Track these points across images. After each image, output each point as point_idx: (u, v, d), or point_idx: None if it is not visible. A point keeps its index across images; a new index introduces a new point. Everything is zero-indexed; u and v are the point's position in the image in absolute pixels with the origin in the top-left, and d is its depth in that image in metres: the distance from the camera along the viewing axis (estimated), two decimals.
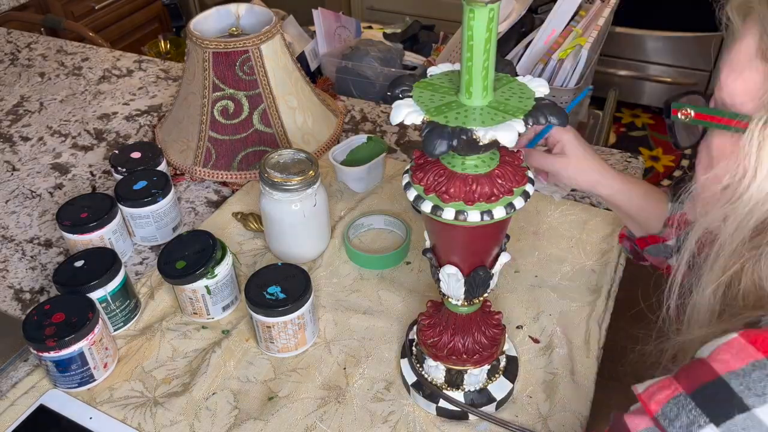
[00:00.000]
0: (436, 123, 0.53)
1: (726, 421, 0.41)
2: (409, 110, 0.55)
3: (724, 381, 0.42)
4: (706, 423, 0.42)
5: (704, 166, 0.55)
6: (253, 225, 1.00)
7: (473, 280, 0.65)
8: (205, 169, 1.09)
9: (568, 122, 0.52)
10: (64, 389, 0.78)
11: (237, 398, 0.77)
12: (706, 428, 0.41)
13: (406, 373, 0.77)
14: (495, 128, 0.52)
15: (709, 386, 0.43)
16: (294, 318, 0.78)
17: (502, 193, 0.57)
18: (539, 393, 0.77)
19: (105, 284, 0.81)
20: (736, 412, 0.41)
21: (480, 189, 0.57)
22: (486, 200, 0.57)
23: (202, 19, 1.08)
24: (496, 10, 0.50)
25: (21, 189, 1.12)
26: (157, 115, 1.30)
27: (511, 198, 0.58)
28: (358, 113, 1.28)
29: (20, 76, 1.45)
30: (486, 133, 0.52)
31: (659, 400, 0.44)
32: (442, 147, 0.51)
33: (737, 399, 0.41)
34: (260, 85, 1.05)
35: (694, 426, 0.42)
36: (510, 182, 0.58)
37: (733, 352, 0.43)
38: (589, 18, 1.29)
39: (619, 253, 0.94)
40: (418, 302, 0.88)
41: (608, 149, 1.16)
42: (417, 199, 0.59)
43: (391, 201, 1.04)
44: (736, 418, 0.41)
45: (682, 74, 2.70)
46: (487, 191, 0.57)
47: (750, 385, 0.41)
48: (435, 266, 0.67)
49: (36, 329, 0.74)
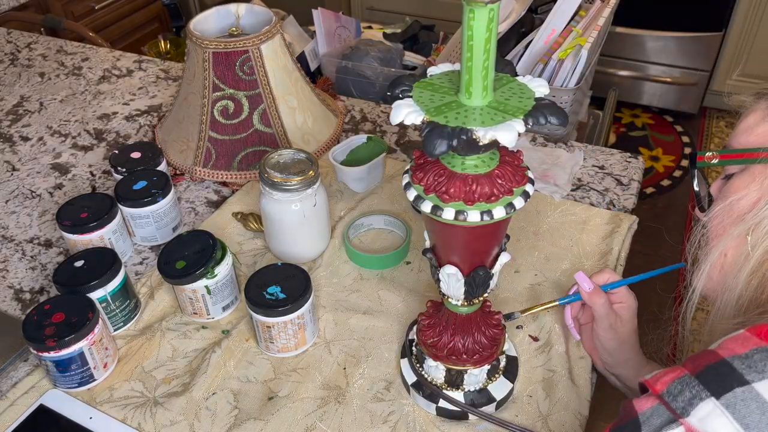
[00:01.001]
0: (436, 123, 0.53)
1: (725, 393, 0.43)
2: (409, 110, 0.55)
3: (728, 362, 0.45)
4: (707, 396, 0.44)
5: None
6: (253, 225, 1.00)
7: (473, 280, 0.65)
8: (205, 169, 1.09)
9: (567, 122, 0.53)
10: (64, 389, 0.78)
11: (237, 398, 0.77)
12: (707, 401, 0.43)
13: (405, 373, 0.77)
14: (495, 128, 0.52)
15: (713, 367, 0.45)
16: (294, 318, 0.78)
17: (502, 193, 0.57)
18: (539, 392, 0.77)
19: (105, 284, 0.81)
20: (735, 385, 0.43)
21: (480, 189, 0.57)
22: (486, 200, 0.57)
23: (202, 19, 1.08)
24: (496, 10, 0.50)
25: (21, 189, 1.12)
26: (157, 115, 1.30)
27: (511, 198, 0.58)
28: (358, 113, 1.28)
29: (20, 76, 1.45)
30: (486, 133, 0.52)
31: (665, 381, 0.46)
32: (442, 147, 0.51)
33: (737, 375, 0.44)
34: (260, 85, 1.05)
35: (696, 399, 0.44)
36: (510, 182, 0.58)
37: (738, 342, 0.46)
38: (589, 18, 1.29)
39: (618, 253, 0.94)
40: (418, 302, 0.88)
41: (608, 149, 1.16)
42: (417, 199, 0.59)
43: (391, 201, 1.04)
44: (735, 390, 0.43)
45: (682, 74, 2.70)
46: (487, 191, 0.57)
47: (751, 365, 0.44)
48: (435, 266, 0.67)
49: (36, 329, 0.74)
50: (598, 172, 1.10)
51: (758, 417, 0.42)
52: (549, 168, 1.10)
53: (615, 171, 1.11)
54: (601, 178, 1.09)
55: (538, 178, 1.08)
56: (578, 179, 1.09)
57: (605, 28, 1.33)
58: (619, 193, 1.06)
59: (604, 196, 1.06)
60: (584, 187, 1.07)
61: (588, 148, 1.16)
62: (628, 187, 1.07)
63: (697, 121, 2.82)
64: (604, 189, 1.07)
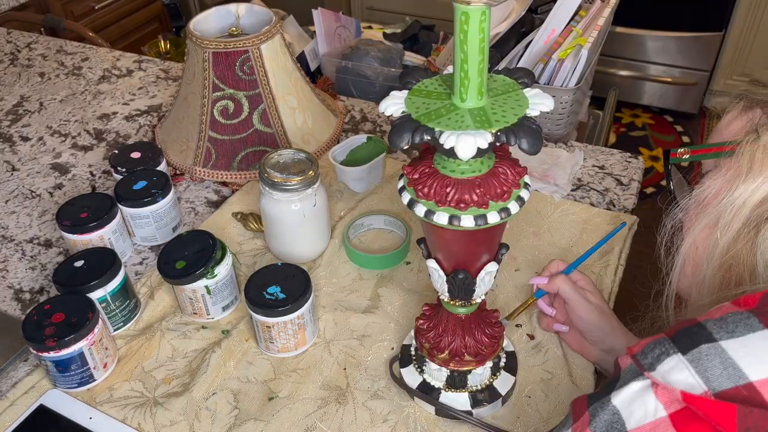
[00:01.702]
0: (409, 117, 0.53)
1: (692, 350, 0.44)
2: (395, 101, 0.55)
3: (702, 324, 0.46)
4: (675, 352, 0.45)
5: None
6: (253, 225, 1.00)
7: (453, 280, 0.64)
8: (205, 169, 1.09)
9: (537, 151, 0.52)
10: (64, 389, 0.78)
11: (237, 398, 0.77)
12: (673, 356, 0.45)
13: (406, 377, 0.77)
14: (458, 135, 0.51)
15: (687, 329, 0.46)
16: (294, 318, 0.78)
17: (474, 203, 0.56)
18: (538, 392, 0.77)
19: (105, 284, 0.81)
20: (703, 342, 0.44)
21: (457, 195, 0.56)
22: (473, 206, 0.56)
23: (202, 19, 1.08)
24: (487, 12, 0.50)
25: (21, 189, 1.12)
26: (157, 115, 1.30)
27: (484, 211, 0.56)
28: (358, 113, 1.28)
29: (20, 76, 1.45)
30: (447, 137, 0.51)
31: (642, 344, 0.48)
32: (402, 141, 0.52)
33: (707, 333, 0.45)
34: (260, 85, 1.05)
35: (663, 355, 0.45)
36: (500, 188, 0.57)
37: (716, 310, 0.47)
38: (589, 18, 1.29)
39: (619, 253, 0.94)
40: (417, 302, 0.88)
41: (608, 149, 1.16)
42: (408, 199, 0.58)
43: (391, 201, 1.04)
44: (702, 347, 0.44)
45: (682, 74, 2.70)
46: (466, 198, 0.56)
47: (722, 325, 0.45)
48: (425, 257, 0.67)
49: (36, 329, 0.74)
50: (598, 172, 1.10)
51: (720, 371, 0.43)
52: (549, 168, 1.10)
53: (615, 171, 1.11)
54: (601, 178, 1.09)
55: (538, 178, 1.08)
56: (578, 179, 1.09)
57: (605, 28, 1.33)
58: (619, 193, 1.06)
59: (604, 196, 1.06)
60: (584, 187, 1.07)
61: (588, 148, 1.16)
62: (628, 187, 1.07)
63: (697, 121, 2.82)
64: (604, 189, 1.07)
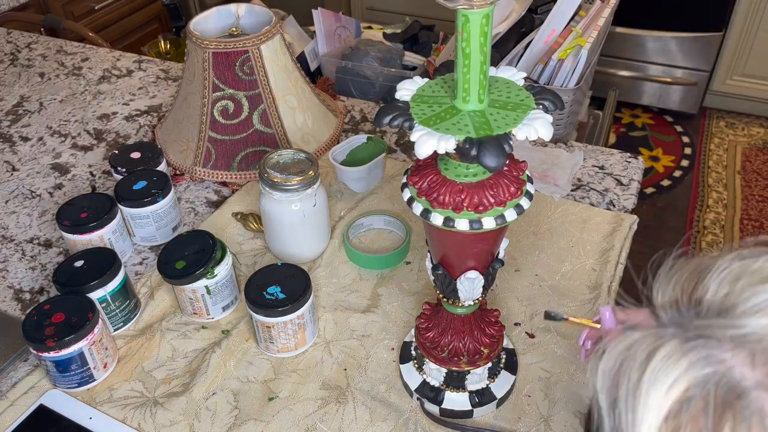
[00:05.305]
0: (396, 102, 0.56)
1: None
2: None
3: None
4: None
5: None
6: (253, 225, 1.00)
7: (435, 275, 0.66)
8: (204, 169, 1.09)
9: (503, 163, 0.51)
10: (63, 389, 0.78)
11: (237, 398, 0.77)
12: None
13: (406, 377, 0.77)
14: (428, 132, 0.53)
15: None
16: (294, 318, 0.78)
17: (492, 204, 0.57)
18: (537, 392, 0.77)
19: (105, 284, 0.81)
20: None
21: (476, 199, 0.56)
22: (474, 210, 0.57)
23: (202, 19, 1.08)
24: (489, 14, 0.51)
25: (21, 189, 1.12)
26: (157, 115, 1.30)
27: (501, 210, 0.57)
28: (358, 113, 1.28)
29: (20, 76, 1.45)
30: (418, 132, 0.53)
31: None
32: (383, 119, 0.55)
33: None
34: (260, 85, 1.05)
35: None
36: (503, 194, 0.57)
37: None
38: (589, 18, 1.29)
39: (619, 251, 0.94)
40: (417, 302, 0.88)
41: (608, 149, 1.16)
42: (410, 200, 0.60)
43: (391, 201, 1.04)
44: None
45: (682, 74, 2.70)
46: (476, 201, 0.57)
47: None
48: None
49: (36, 329, 0.74)
50: (598, 172, 1.10)
51: None
52: (549, 168, 1.10)
53: (615, 171, 1.11)
54: (601, 178, 1.09)
55: (538, 178, 1.08)
56: (578, 179, 1.09)
57: (605, 28, 1.33)
58: (619, 193, 1.06)
59: (604, 196, 1.06)
60: (584, 187, 1.07)
61: (588, 148, 1.16)
62: (628, 187, 1.07)
63: (697, 121, 2.81)
64: (604, 189, 1.07)
